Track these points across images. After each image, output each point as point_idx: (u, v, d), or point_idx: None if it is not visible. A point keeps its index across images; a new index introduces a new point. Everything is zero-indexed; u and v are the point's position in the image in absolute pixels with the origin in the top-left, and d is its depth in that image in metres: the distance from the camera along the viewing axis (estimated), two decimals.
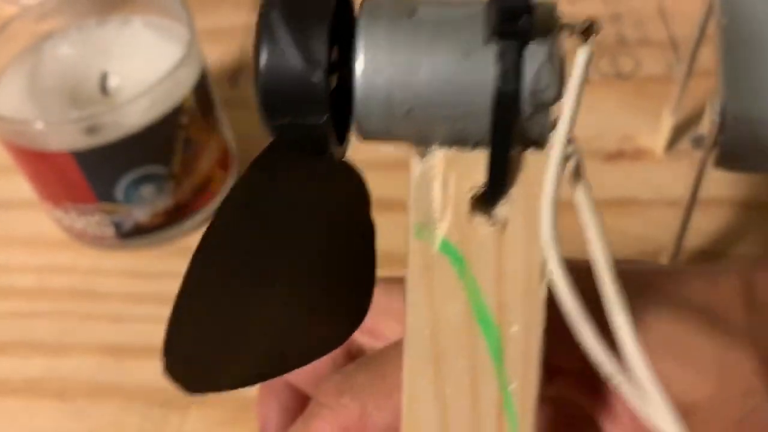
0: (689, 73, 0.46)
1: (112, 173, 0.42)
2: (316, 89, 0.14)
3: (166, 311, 0.44)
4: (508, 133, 0.15)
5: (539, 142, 0.15)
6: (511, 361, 0.17)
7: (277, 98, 0.15)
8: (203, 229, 0.52)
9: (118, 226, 0.45)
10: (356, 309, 0.19)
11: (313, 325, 0.20)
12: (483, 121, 0.15)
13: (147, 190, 0.43)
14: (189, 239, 0.47)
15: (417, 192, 0.16)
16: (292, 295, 0.19)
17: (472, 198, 0.16)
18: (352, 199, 0.18)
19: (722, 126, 0.32)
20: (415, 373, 0.18)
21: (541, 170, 0.15)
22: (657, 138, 0.50)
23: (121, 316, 0.44)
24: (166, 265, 0.46)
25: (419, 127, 0.15)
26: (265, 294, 0.19)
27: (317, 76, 0.14)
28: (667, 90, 0.49)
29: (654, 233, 0.45)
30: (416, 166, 0.16)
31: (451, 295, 0.17)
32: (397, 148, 0.16)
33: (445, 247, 0.16)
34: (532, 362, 0.17)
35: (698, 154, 0.35)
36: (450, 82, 0.15)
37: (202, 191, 0.46)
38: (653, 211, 0.47)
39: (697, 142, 0.35)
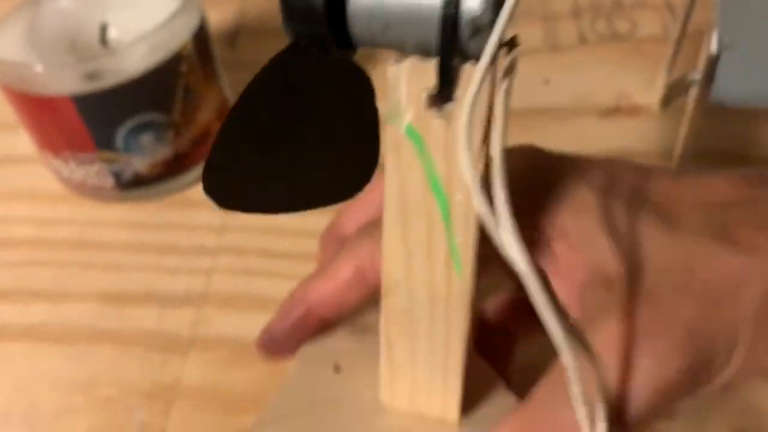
0: (684, 32, 0.46)
1: (112, 120, 0.42)
2: (319, 11, 0.19)
3: (167, 261, 0.45)
4: (450, 49, 0.19)
5: (479, 58, 0.19)
6: (456, 221, 0.22)
7: (294, 15, 0.20)
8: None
9: (117, 176, 0.45)
10: (363, 172, 0.23)
11: (329, 177, 0.25)
12: (436, 39, 0.19)
13: (146, 138, 0.43)
14: (189, 192, 0.48)
15: (391, 89, 0.21)
16: (314, 150, 0.24)
17: (428, 96, 0.20)
18: (360, 89, 0.22)
19: (718, 58, 0.32)
20: (390, 224, 0.23)
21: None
22: (652, 95, 0.50)
23: (121, 265, 0.45)
24: (166, 217, 0.47)
25: (394, 38, 0.20)
26: (292, 146, 0.24)
27: (318, 3, 0.19)
28: (663, 50, 0.49)
29: None
30: (391, 69, 0.20)
31: (413, 168, 0.22)
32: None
33: (409, 130, 0.21)
34: (471, 223, 0.22)
35: (695, 92, 0.35)
36: (413, 8, 0.19)
37: (201, 143, 0.46)
38: (648, 163, 0.47)
39: (695, 81, 0.35)
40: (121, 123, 0.42)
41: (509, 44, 0.20)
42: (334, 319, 0.29)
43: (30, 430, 0.38)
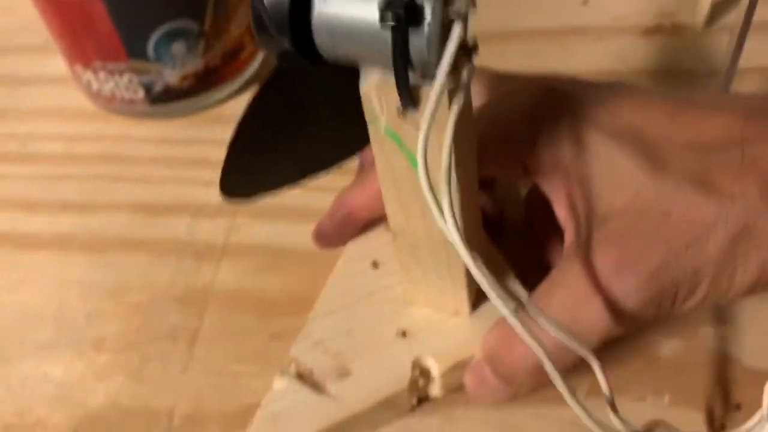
0: None
1: (143, 25, 0.41)
2: (285, 26, 0.21)
3: (198, 174, 0.44)
4: (406, 81, 0.21)
5: (434, 77, 0.21)
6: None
7: (263, 30, 0.22)
8: (234, 100, 0.51)
9: (147, 89, 0.44)
10: (357, 143, 0.28)
11: (332, 145, 0.30)
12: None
13: (178, 47, 0.43)
14: (219, 108, 0.47)
15: (365, 101, 0.24)
16: (317, 131, 0.29)
17: (397, 107, 0.23)
18: (351, 82, 0.24)
19: None
20: (386, 188, 0.27)
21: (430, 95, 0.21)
22: (695, 14, 0.49)
23: (151, 178, 0.44)
24: (196, 133, 0.46)
25: (356, 54, 0.22)
26: (296, 135, 0.28)
27: (285, 41, 0.22)
28: None
29: None
30: (362, 84, 0.23)
31: (396, 156, 0.25)
32: None
33: (387, 131, 0.24)
34: (455, 191, 0.24)
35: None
36: (372, 43, 0.21)
37: (232, 58, 0.45)
38: (690, 80, 0.46)
39: None
40: (153, 29, 0.41)
41: (470, 50, 0.21)
42: (371, 221, 0.34)
43: (61, 333, 0.38)
